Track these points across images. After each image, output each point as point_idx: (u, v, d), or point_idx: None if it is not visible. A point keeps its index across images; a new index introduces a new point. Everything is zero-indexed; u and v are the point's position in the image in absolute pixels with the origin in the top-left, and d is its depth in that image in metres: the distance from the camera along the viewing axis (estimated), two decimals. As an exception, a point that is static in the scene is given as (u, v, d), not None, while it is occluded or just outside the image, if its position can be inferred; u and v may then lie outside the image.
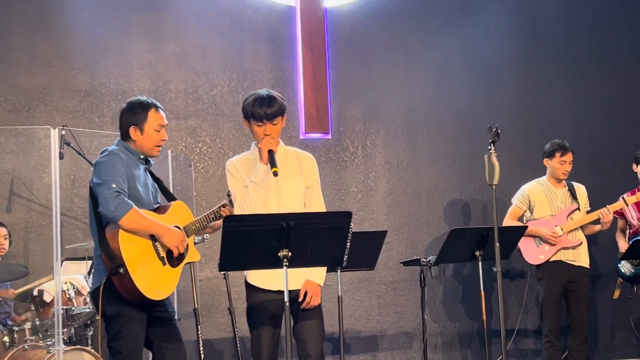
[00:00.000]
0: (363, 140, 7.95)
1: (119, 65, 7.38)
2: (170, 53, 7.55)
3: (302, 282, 4.35)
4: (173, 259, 4.36)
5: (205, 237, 5.71)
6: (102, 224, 4.23)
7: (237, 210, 4.33)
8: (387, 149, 8.01)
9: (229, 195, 4.62)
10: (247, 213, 4.26)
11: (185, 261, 4.44)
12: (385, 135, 8.02)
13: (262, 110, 4.28)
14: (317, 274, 4.39)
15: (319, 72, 7.74)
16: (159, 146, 4.43)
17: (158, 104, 4.45)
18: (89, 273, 6.02)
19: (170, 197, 4.60)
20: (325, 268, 4.46)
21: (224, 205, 4.59)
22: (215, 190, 7.50)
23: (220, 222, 4.51)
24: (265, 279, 4.33)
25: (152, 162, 4.55)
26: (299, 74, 7.74)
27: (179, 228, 4.43)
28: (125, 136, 4.43)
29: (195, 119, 7.55)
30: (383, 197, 7.95)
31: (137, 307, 4.24)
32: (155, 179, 4.57)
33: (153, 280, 4.24)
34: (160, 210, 4.44)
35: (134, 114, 4.40)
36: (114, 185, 4.14)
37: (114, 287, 4.18)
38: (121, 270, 4.11)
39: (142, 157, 4.44)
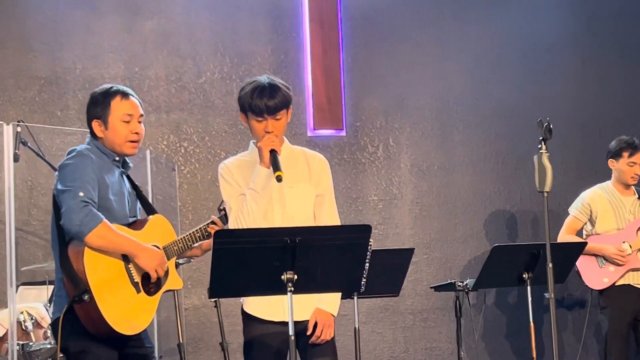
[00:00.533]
0: (385, 137, 7.95)
1: (86, 47, 7.40)
2: (149, 32, 7.56)
3: (311, 312, 4.34)
4: (150, 285, 4.37)
5: (191, 258, 5.71)
6: (64, 240, 4.23)
7: (232, 224, 4.32)
8: (414, 148, 8.01)
9: (221, 210, 4.61)
10: (244, 227, 4.26)
11: (164, 288, 4.44)
12: (412, 132, 8.02)
13: (263, 102, 4.28)
14: (329, 302, 4.39)
15: (330, 55, 7.74)
16: (132, 142, 4.42)
17: (129, 91, 4.46)
18: (49, 301, 6.02)
19: (149, 210, 4.60)
20: (339, 294, 4.45)
21: (213, 222, 4.58)
22: (203, 199, 7.51)
23: (209, 241, 4.51)
24: (266, 307, 4.33)
25: (130, 164, 4.55)
26: (306, 57, 7.74)
27: (157, 248, 4.43)
28: (93, 133, 4.44)
29: (179, 112, 7.56)
30: (409, 207, 7.95)
31: (105, 342, 4.23)
32: (134, 186, 4.57)
33: (124, 310, 4.24)
34: (136, 225, 4.44)
35: (95, 105, 4.42)
36: (81, 194, 4.14)
37: (77, 317, 4.17)
38: (86, 297, 4.10)
39: (117, 158, 4.44)
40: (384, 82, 7.96)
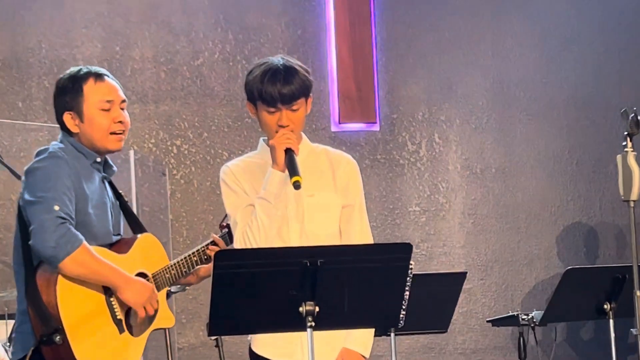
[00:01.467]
0: (429, 132, 7.95)
1: (54, 21, 7.42)
2: (133, 2, 7.58)
3: (336, 352, 4.35)
4: (136, 322, 4.37)
5: (186, 286, 5.73)
6: (31, 263, 4.22)
7: (237, 242, 4.32)
8: (465, 146, 8.01)
9: (223, 227, 4.61)
10: (253, 246, 4.26)
11: (152, 327, 4.45)
12: (462, 125, 8.01)
13: (276, 88, 4.28)
14: (359, 340, 4.38)
15: (360, 30, 7.74)
16: (116, 133, 4.41)
17: (103, 71, 4.46)
18: (9, 339, 6.04)
19: (136, 226, 4.60)
20: (372, 331, 4.44)
21: (214, 243, 4.58)
22: (201, 211, 7.52)
23: (208, 266, 4.51)
24: (281, 347, 4.33)
25: (114, 167, 4.56)
26: (330, 33, 7.75)
27: (145, 276, 4.45)
28: (66, 129, 4.45)
29: (170, 102, 7.58)
30: (460, 221, 7.94)
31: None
32: (117, 195, 4.58)
33: (104, 354, 4.24)
34: (120, 246, 4.44)
35: (63, 93, 4.41)
36: (56, 207, 4.13)
37: (45, 362, 4.19)
38: (57, 338, 4.10)
39: (98, 159, 4.45)
40: (428, 63, 7.96)
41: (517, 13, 8.13)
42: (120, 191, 4.63)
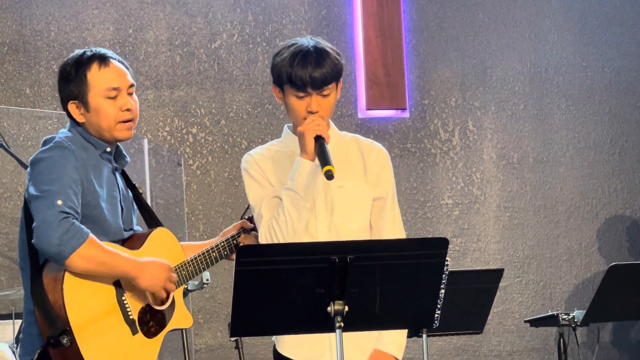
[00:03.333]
0: (462, 120, 7.94)
1: (64, 2, 7.41)
2: (147, -19, 7.60)
3: (367, 354, 4.35)
4: (149, 323, 4.37)
5: (205, 281, 5.71)
6: (37, 261, 4.23)
7: (262, 237, 4.32)
8: (501, 134, 7.99)
9: (250, 219, 4.59)
10: (280, 241, 4.25)
11: (168, 328, 4.45)
12: (498, 112, 8.00)
13: (306, 71, 4.26)
14: (391, 342, 4.38)
15: (388, 9, 7.72)
16: (125, 121, 4.40)
17: (108, 53, 4.43)
18: (16, 340, 6.06)
19: (150, 220, 4.60)
20: (404, 332, 4.45)
21: (245, 230, 4.57)
22: (219, 204, 7.52)
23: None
24: (308, 348, 4.33)
25: (127, 157, 4.54)
26: (356, 13, 7.74)
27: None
28: (72, 118, 4.43)
29: (186, 88, 7.57)
30: (495, 214, 7.93)
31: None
32: (131, 186, 4.57)
33: (115, 356, 4.25)
34: (132, 242, 4.43)
35: (67, 81, 4.40)
36: (59, 202, 4.12)
37: (52, 365, 4.20)
38: (64, 340, 4.11)
39: (108, 149, 4.44)
40: (461, 46, 7.96)
41: (555, -8, 8.13)
42: (135, 183, 4.61)
